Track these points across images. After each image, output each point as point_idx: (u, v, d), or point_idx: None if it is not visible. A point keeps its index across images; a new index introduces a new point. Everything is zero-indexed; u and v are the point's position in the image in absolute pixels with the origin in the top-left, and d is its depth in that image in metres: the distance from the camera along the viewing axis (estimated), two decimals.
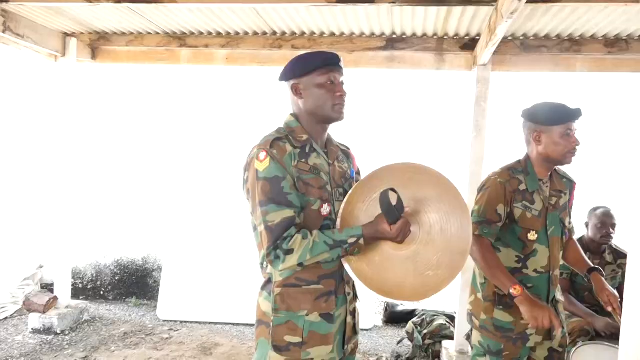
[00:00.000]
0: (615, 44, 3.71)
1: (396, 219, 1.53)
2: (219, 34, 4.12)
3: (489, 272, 2.06)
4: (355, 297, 1.78)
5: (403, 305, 4.75)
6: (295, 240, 1.54)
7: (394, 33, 3.90)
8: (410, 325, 4.14)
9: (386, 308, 4.79)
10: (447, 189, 1.59)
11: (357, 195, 1.63)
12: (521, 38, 3.80)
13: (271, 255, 1.56)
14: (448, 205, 1.59)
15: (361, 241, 1.57)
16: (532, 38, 3.79)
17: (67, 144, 4.33)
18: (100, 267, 5.21)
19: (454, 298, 3.82)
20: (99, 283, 5.21)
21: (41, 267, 4.79)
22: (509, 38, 3.78)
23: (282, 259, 1.55)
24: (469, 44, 3.87)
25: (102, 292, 5.21)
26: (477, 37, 3.82)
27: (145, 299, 5.16)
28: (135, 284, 5.20)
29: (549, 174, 2.21)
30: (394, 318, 4.72)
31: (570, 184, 2.30)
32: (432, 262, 1.60)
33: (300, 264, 1.56)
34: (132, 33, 4.25)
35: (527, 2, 2.61)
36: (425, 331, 4.01)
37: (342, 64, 1.70)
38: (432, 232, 1.60)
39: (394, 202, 1.53)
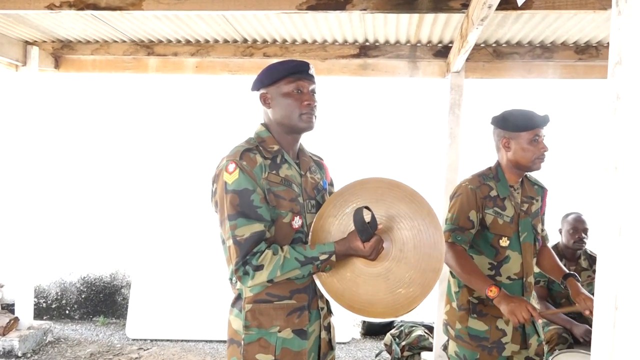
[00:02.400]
0: (585, 50, 3.76)
1: (369, 236, 1.50)
2: (188, 41, 4.02)
3: (465, 277, 2.05)
4: (329, 311, 1.72)
5: None
6: (266, 256, 1.48)
7: (367, 40, 3.86)
8: (388, 337, 4.08)
9: (364, 320, 4.71)
10: (421, 205, 1.57)
11: (329, 209, 1.61)
12: (493, 45, 3.81)
13: (240, 271, 1.50)
14: (421, 222, 1.56)
15: (333, 258, 1.52)
16: (504, 45, 3.80)
17: (28, 156, 4.14)
18: (65, 284, 4.99)
19: (432, 308, 3.77)
20: (64, 302, 4.98)
21: (1, 286, 4.56)
22: (482, 45, 3.79)
23: (252, 275, 1.49)
24: (442, 51, 3.87)
25: (67, 312, 4.98)
26: (450, 45, 3.82)
27: (114, 318, 4.95)
28: (102, 301, 4.99)
29: (520, 180, 2.22)
30: (372, 330, 4.65)
31: (542, 190, 2.31)
32: (404, 279, 1.57)
33: (270, 281, 1.50)
34: (97, 41, 4.11)
35: (497, 9, 2.60)
36: (403, 343, 3.95)
37: (312, 72, 1.64)
38: (405, 249, 1.57)
39: (367, 219, 1.50)
